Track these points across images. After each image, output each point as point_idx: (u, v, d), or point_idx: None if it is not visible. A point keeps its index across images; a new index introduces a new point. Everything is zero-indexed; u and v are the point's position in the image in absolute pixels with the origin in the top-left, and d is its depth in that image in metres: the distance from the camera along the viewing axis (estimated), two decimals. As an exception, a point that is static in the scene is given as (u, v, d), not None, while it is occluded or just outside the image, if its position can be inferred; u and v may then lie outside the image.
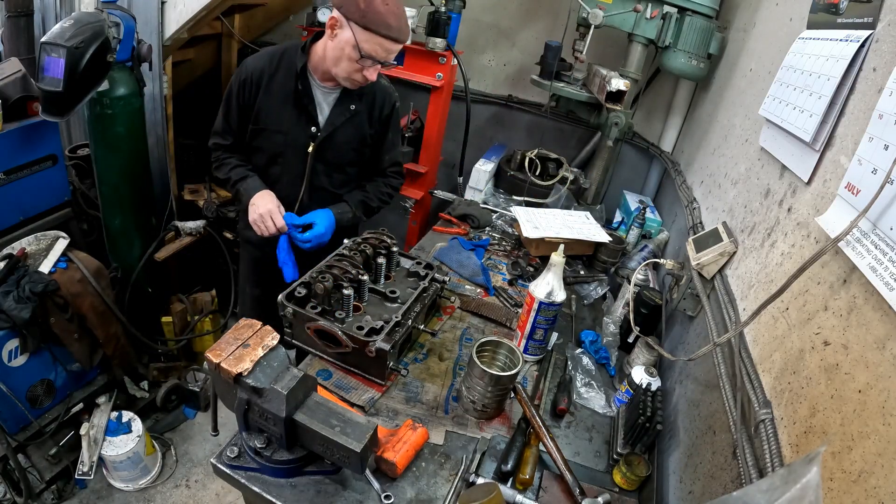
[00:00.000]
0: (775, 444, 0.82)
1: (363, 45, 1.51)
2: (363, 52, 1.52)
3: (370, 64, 1.56)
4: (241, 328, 1.07)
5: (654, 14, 2.17)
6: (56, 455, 2.13)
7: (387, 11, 1.48)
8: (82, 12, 1.87)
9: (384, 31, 1.49)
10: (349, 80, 1.63)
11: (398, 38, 1.53)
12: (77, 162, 2.49)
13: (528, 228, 2.06)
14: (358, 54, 1.52)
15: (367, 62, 1.55)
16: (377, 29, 1.48)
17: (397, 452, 1.10)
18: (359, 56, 1.52)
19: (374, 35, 1.49)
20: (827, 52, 1.07)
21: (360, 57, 1.53)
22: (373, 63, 1.56)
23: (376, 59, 1.55)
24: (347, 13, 1.49)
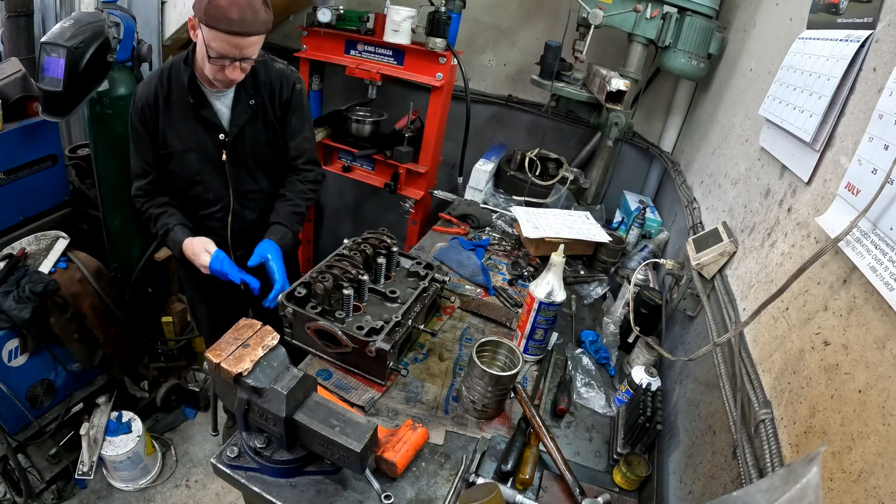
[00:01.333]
0: (775, 444, 0.82)
1: (211, 43, 1.43)
2: (211, 50, 1.44)
3: (228, 62, 1.47)
4: (241, 328, 1.07)
5: (654, 14, 2.17)
6: (56, 455, 2.13)
7: (228, 4, 1.37)
8: (82, 12, 1.87)
9: (225, 27, 1.39)
10: (217, 81, 1.56)
11: (242, 30, 1.41)
12: (77, 162, 2.49)
13: (528, 228, 2.06)
14: (207, 53, 1.45)
15: (224, 61, 1.47)
16: (218, 25, 1.39)
17: (397, 452, 1.10)
18: (208, 55, 1.45)
19: (218, 32, 1.40)
20: (827, 52, 1.07)
21: (209, 57, 1.45)
22: (230, 62, 1.47)
23: (228, 57, 1.46)
24: (197, 13, 1.42)
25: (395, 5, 2.49)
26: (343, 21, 2.66)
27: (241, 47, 1.45)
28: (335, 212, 3.74)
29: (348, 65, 2.63)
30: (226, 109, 1.68)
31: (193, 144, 1.69)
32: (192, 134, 1.68)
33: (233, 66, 1.49)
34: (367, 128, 2.86)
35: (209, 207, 1.82)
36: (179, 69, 1.62)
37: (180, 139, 1.68)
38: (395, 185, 2.79)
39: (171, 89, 1.63)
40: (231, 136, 1.69)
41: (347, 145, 2.87)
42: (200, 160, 1.72)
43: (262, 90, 1.69)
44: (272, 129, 1.75)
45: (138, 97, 1.65)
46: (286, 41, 3.39)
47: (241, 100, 1.67)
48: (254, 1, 1.42)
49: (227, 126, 1.69)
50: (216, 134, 1.68)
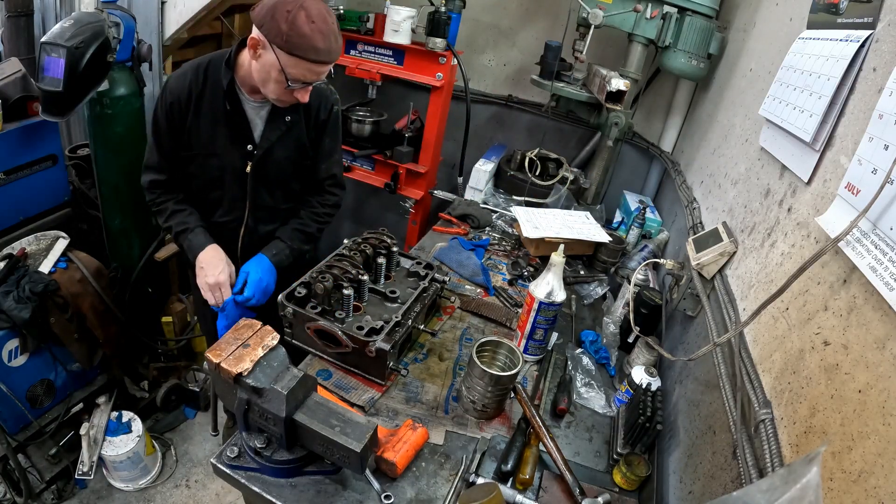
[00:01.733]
0: (775, 444, 0.82)
1: (289, 70, 1.37)
2: (290, 77, 1.38)
3: (300, 86, 1.43)
4: (241, 328, 1.07)
5: (654, 14, 2.17)
6: (56, 455, 2.13)
7: (313, 32, 1.32)
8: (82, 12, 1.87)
9: (312, 56, 1.35)
10: (279, 101, 1.51)
11: (327, 60, 1.39)
12: (77, 162, 2.48)
13: (528, 228, 2.06)
14: (285, 79, 1.39)
15: (297, 85, 1.42)
16: (303, 54, 1.34)
17: (397, 452, 1.10)
18: (286, 81, 1.39)
19: (300, 60, 1.35)
20: (827, 52, 1.07)
21: (287, 82, 1.40)
22: (302, 86, 1.43)
23: (305, 82, 1.42)
24: (269, 35, 1.33)
25: (395, 5, 2.49)
26: (343, 21, 2.66)
27: (321, 73, 1.43)
28: (335, 212, 3.74)
29: (348, 65, 2.63)
30: (260, 122, 1.62)
31: (219, 151, 1.62)
32: (220, 140, 1.61)
33: (305, 89, 1.45)
34: (367, 128, 2.86)
35: (223, 217, 1.76)
36: (219, 70, 1.53)
37: (207, 143, 1.61)
38: (395, 185, 2.80)
39: (206, 89, 1.55)
40: (260, 150, 1.62)
41: (347, 145, 2.87)
42: (223, 168, 1.65)
43: (300, 108, 1.62)
44: (302, 149, 1.69)
45: (169, 91, 1.56)
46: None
47: (277, 115, 1.60)
48: (333, 26, 1.38)
49: (257, 139, 1.62)
50: (245, 145, 1.61)
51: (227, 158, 1.63)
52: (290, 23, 1.30)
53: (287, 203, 1.81)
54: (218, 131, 1.59)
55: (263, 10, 1.33)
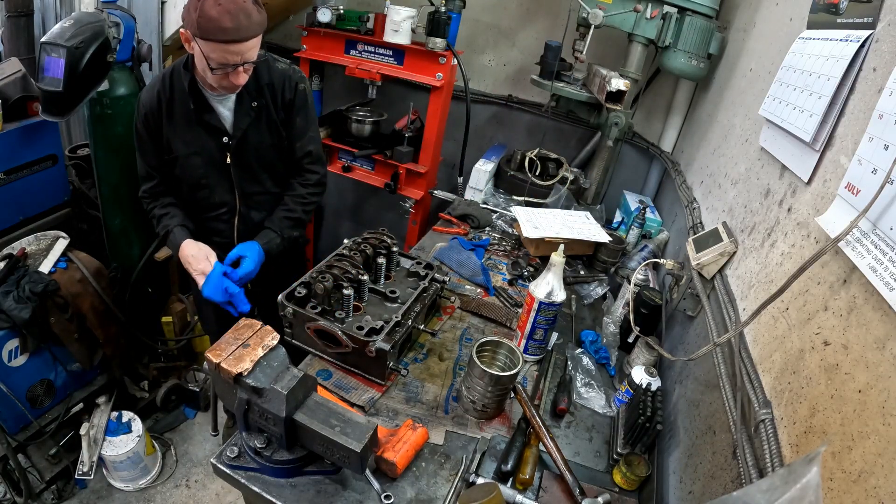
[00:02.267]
0: (775, 444, 0.82)
1: (209, 55, 1.42)
2: (211, 62, 1.43)
3: (230, 69, 1.46)
4: (241, 328, 1.07)
5: (654, 14, 2.17)
6: (56, 455, 2.13)
7: (220, 14, 1.35)
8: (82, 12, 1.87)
9: (221, 37, 1.38)
10: (221, 88, 1.56)
11: (239, 37, 1.40)
12: (77, 162, 2.49)
13: (528, 228, 2.06)
14: (208, 65, 1.44)
15: (221, 70, 1.46)
16: (213, 36, 1.38)
17: (397, 452, 1.10)
18: (209, 67, 1.44)
19: (214, 44, 1.40)
20: (827, 52, 1.07)
21: (212, 68, 1.44)
22: (232, 68, 1.46)
23: (230, 65, 1.45)
24: (188, 27, 1.42)
25: (395, 5, 2.49)
26: (343, 21, 2.66)
27: (240, 53, 1.44)
28: (335, 212, 3.74)
29: (348, 65, 2.63)
30: (228, 113, 1.68)
31: (197, 149, 1.69)
32: (196, 138, 1.68)
33: (236, 71, 1.48)
34: (367, 128, 2.86)
35: (215, 210, 1.83)
36: (180, 74, 1.62)
37: (184, 144, 1.68)
38: (395, 185, 2.80)
39: (174, 95, 1.63)
40: (235, 140, 1.68)
41: (347, 145, 2.87)
42: (205, 164, 1.72)
43: (265, 91, 1.67)
44: (276, 131, 1.74)
45: (142, 103, 1.66)
46: (286, 41, 3.39)
47: (243, 102, 1.66)
48: (244, 4, 1.39)
49: (230, 129, 1.68)
50: (220, 137, 1.68)
51: (207, 154, 1.70)
52: (199, 10, 1.35)
53: (277, 187, 1.86)
54: (193, 131, 1.66)
55: (184, 7, 1.41)
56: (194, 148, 1.69)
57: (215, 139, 1.68)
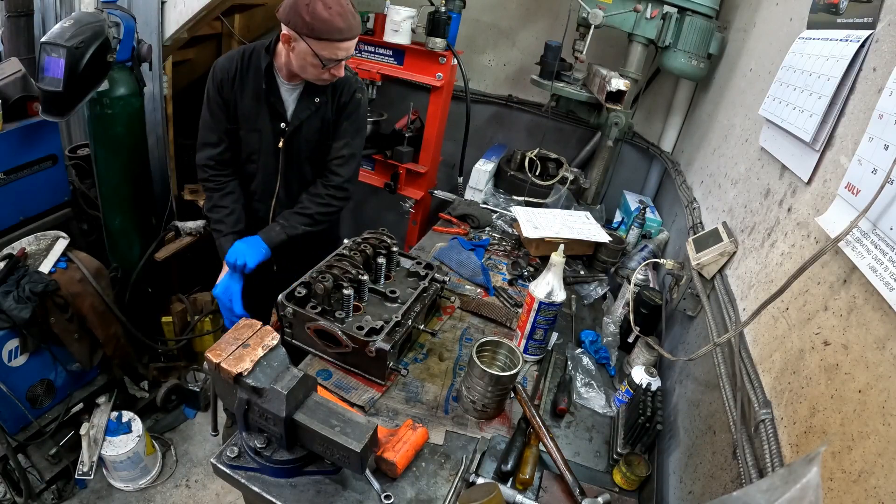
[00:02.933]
0: (775, 444, 0.82)
1: (321, 52, 1.56)
2: (323, 59, 1.57)
3: (334, 64, 1.61)
4: (241, 328, 1.07)
5: (654, 14, 2.17)
6: (56, 455, 2.12)
7: (331, 15, 1.51)
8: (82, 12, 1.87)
9: (337, 37, 1.54)
10: (319, 80, 1.69)
11: (350, 36, 1.58)
12: (77, 162, 2.48)
13: (528, 228, 2.06)
14: (319, 62, 1.58)
15: (331, 64, 1.60)
16: (329, 37, 1.53)
17: (397, 452, 1.10)
18: (321, 63, 1.58)
19: (327, 42, 1.54)
20: (827, 52, 1.07)
21: (322, 64, 1.59)
22: (336, 63, 1.61)
23: (338, 60, 1.61)
24: (296, 28, 1.53)
25: (395, 5, 2.49)
26: (343, 21, 2.66)
27: (349, 49, 1.61)
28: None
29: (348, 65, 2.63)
30: (292, 102, 1.79)
31: (258, 126, 1.81)
32: (259, 117, 1.79)
33: (339, 65, 1.64)
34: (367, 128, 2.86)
35: (257, 186, 1.93)
36: (260, 55, 1.74)
37: (248, 118, 1.79)
38: (395, 185, 2.80)
39: (249, 71, 1.75)
40: (291, 127, 1.80)
41: (347, 145, 2.86)
42: (259, 142, 1.83)
43: (327, 91, 1.80)
44: (326, 128, 1.85)
45: (219, 69, 1.75)
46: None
47: (307, 96, 1.78)
48: (348, 6, 1.56)
49: (289, 117, 1.80)
50: (279, 122, 1.79)
51: (265, 134, 1.82)
52: (310, 13, 1.50)
53: (315, 178, 1.94)
54: (258, 109, 1.78)
55: (287, 9, 1.54)
56: (255, 125, 1.80)
57: (274, 123, 1.80)
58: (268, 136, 1.82)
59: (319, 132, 1.85)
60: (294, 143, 1.84)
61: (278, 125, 1.80)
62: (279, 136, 1.81)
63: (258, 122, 1.80)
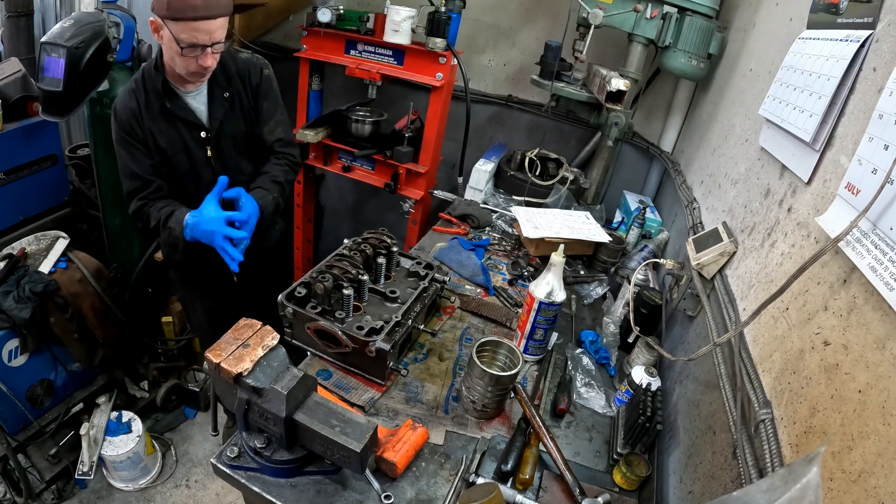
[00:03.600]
0: (775, 444, 0.82)
1: (179, 36, 1.45)
2: (182, 42, 1.45)
3: (199, 52, 1.49)
4: (240, 328, 1.07)
5: (654, 14, 2.17)
6: (56, 455, 2.13)
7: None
8: (82, 12, 1.88)
9: (191, 14, 1.42)
10: (192, 75, 1.57)
11: (209, 14, 1.44)
12: (77, 162, 2.49)
13: (528, 228, 2.06)
14: (179, 47, 1.47)
15: (195, 51, 1.48)
16: (184, 14, 1.41)
17: (397, 452, 1.10)
18: (180, 49, 1.47)
19: (184, 23, 1.43)
20: (827, 52, 1.07)
21: (181, 49, 1.47)
22: (201, 50, 1.49)
23: (199, 44, 1.47)
24: (157, 11, 1.44)
25: (395, 5, 2.49)
26: (343, 21, 2.66)
27: (210, 31, 1.47)
28: (335, 212, 3.74)
29: (348, 65, 2.63)
30: (202, 107, 1.70)
31: (180, 146, 1.70)
32: (177, 136, 1.69)
33: (204, 53, 1.50)
34: (367, 128, 2.86)
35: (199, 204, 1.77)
36: (151, 75, 1.63)
37: (167, 144, 1.69)
38: (395, 185, 2.79)
39: (149, 97, 1.64)
40: (213, 132, 1.71)
41: (347, 145, 2.87)
42: (189, 159, 1.74)
43: (234, 81, 1.71)
44: (249, 118, 1.77)
45: (120, 110, 1.63)
46: (286, 41, 3.39)
47: (215, 94, 1.69)
48: None
49: (206, 122, 1.71)
50: (198, 132, 1.70)
51: (190, 150, 1.72)
52: None
53: (255, 170, 1.88)
54: (172, 130, 1.68)
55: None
56: (177, 146, 1.70)
57: (194, 134, 1.70)
58: (194, 151, 1.73)
59: (245, 124, 1.77)
60: (222, 147, 1.76)
61: (198, 135, 1.71)
62: (204, 146, 1.72)
63: (178, 142, 1.70)
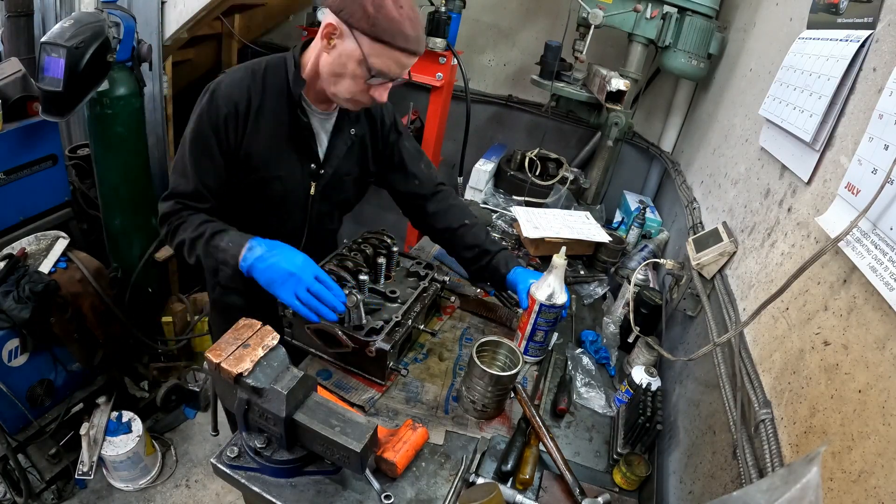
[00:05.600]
0: (775, 444, 0.82)
1: (373, 60, 1.17)
2: (373, 68, 1.18)
3: (380, 82, 1.22)
4: (240, 328, 1.07)
5: (654, 14, 2.17)
6: (56, 455, 2.13)
7: (402, 17, 1.14)
8: (82, 12, 1.87)
9: (401, 44, 1.16)
10: (351, 102, 1.28)
11: (416, 50, 1.20)
12: (77, 162, 2.49)
13: (528, 228, 2.06)
14: (366, 72, 1.19)
15: (378, 80, 1.22)
16: (392, 40, 1.15)
17: (397, 452, 1.10)
18: (368, 74, 1.19)
19: (386, 48, 1.16)
20: (827, 52, 1.07)
21: (369, 75, 1.19)
22: (383, 80, 1.23)
23: (389, 77, 1.22)
24: (351, 19, 1.14)
25: (395, 5, 2.49)
26: (343, 21, 2.66)
27: (405, 67, 1.22)
28: (335, 212, 3.74)
29: (348, 65, 2.62)
30: (325, 135, 1.41)
31: (283, 172, 1.37)
32: (282, 159, 1.36)
33: (385, 86, 1.25)
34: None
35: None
36: (279, 74, 1.31)
37: (268, 163, 1.34)
38: (396, 185, 2.79)
39: (266, 99, 1.30)
40: (330, 168, 1.43)
41: (347, 145, 2.87)
42: (286, 191, 1.41)
43: (363, 119, 1.45)
44: (365, 165, 1.52)
45: (224, 98, 1.26)
46: (286, 41, 3.39)
47: (343, 128, 1.42)
48: (419, 19, 1.21)
49: (322, 156, 1.42)
50: (309, 163, 1.40)
51: (292, 179, 1.39)
52: (376, 5, 1.12)
53: (340, 224, 1.65)
54: (280, 149, 1.35)
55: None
56: (280, 170, 1.36)
57: (304, 164, 1.39)
58: (296, 182, 1.40)
59: (358, 170, 1.50)
60: (327, 188, 1.45)
61: (308, 166, 1.39)
62: (309, 181, 1.41)
63: (281, 167, 1.36)
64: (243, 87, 1.28)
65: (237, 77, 1.30)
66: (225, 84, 1.28)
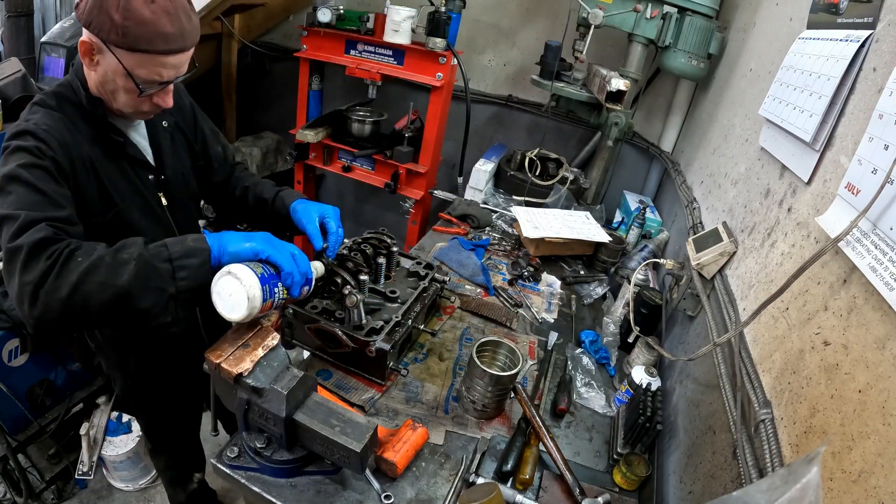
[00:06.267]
0: (775, 444, 0.82)
1: (137, 71, 1.04)
2: (139, 80, 1.05)
3: (157, 88, 1.10)
4: (240, 328, 1.07)
5: (654, 14, 2.17)
6: (56, 455, 2.13)
7: (156, 14, 1.00)
8: (82, 12, 1.88)
9: (161, 46, 1.02)
10: (138, 114, 1.15)
11: (181, 46, 1.06)
12: (77, 162, 2.48)
13: (528, 228, 2.06)
14: (134, 85, 1.05)
15: (152, 88, 1.09)
16: (150, 46, 1.01)
17: (397, 452, 1.10)
18: (136, 87, 1.06)
19: (147, 56, 1.03)
20: (827, 52, 1.07)
21: (138, 89, 1.06)
22: (161, 87, 1.10)
23: (163, 82, 1.09)
24: (101, 33, 1.00)
25: (395, 5, 2.49)
26: (343, 21, 2.67)
27: (179, 66, 1.09)
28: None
29: (348, 65, 2.63)
30: (143, 140, 1.27)
31: (131, 195, 1.21)
32: (126, 181, 1.20)
33: (165, 90, 1.12)
34: (367, 128, 2.86)
35: None
36: (74, 101, 1.13)
37: (118, 192, 1.18)
38: (395, 185, 2.80)
39: (79, 125, 1.13)
40: (170, 171, 1.31)
41: (347, 145, 2.87)
42: (140, 213, 1.24)
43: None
44: (192, 150, 1.40)
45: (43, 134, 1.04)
46: (286, 41, 3.40)
47: (155, 123, 1.28)
48: (183, 3, 1.06)
49: (153, 161, 1.28)
50: (146, 174, 1.25)
51: (141, 199, 1.25)
52: (122, 10, 0.97)
53: (198, 217, 1.51)
54: (119, 171, 1.19)
55: (88, 5, 1.00)
56: (128, 196, 1.20)
57: (142, 177, 1.24)
58: (146, 200, 1.25)
59: (188, 159, 1.38)
60: (172, 191, 1.33)
61: (146, 178, 1.25)
62: (156, 192, 1.28)
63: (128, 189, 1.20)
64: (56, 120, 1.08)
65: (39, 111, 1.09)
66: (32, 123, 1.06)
